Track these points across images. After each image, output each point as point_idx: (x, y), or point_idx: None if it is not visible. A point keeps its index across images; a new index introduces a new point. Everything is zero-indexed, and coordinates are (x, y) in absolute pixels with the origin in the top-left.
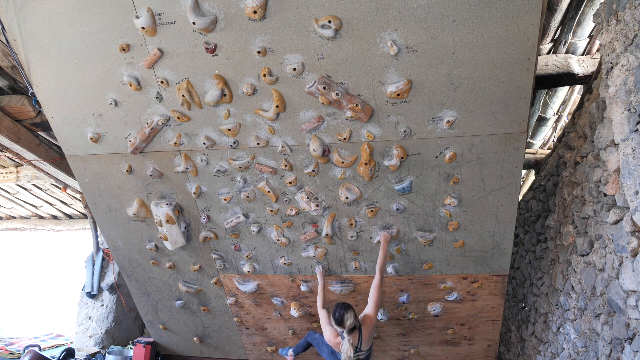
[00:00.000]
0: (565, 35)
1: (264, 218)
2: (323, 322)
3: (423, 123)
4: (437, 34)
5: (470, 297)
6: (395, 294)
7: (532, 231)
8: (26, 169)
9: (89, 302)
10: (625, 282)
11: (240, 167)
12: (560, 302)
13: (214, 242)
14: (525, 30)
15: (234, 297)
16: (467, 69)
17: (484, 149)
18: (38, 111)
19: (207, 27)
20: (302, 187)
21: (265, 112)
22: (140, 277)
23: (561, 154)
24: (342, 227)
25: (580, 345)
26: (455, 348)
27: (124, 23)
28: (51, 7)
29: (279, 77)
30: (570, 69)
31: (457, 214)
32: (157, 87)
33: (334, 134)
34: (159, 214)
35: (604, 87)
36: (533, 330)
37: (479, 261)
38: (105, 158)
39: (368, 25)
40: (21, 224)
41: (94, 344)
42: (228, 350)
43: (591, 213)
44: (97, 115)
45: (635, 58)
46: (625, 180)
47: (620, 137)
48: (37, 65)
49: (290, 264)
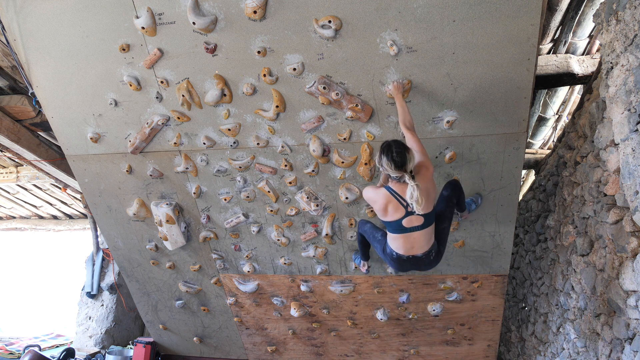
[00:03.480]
0: (565, 35)
1: (264, 218)
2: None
3: (423, 123)
4: (437, 34)
5: (470, 297)
6: (395, 294)
7: (532, 231)
8: (26, 169)
9: (89, 302)
10: (625, 282)
11: (240, 167)
12: (560, 302)
13: (214, 242)
14: (525, 30)
15: (234, 297)
16: (467, 69)
17: (484, 149)
18: (38, 111)
19: (207, 27)
20: (302, 187)
21: (265, 112)
22: (140, 277)
23: (561, 154)
24: (342, 227)
25: (580, 345)
26: (455, 348)
27: (124, 23)
28: (51, 7)
29: (279, 77)
30: (570, 69)
31: (457, 214)
32: (157, 87)
33: (334, 134)
34: (159, 214)
35: (604, 87)
36: (533, 330)
37: (479, 261)
38: (105, 158)
39: (368, 25)
40: (21, 224)
41: (94, 344)
42: (228, 350)
43: (591, 213)
44: (97, 115)
45: (635, 58)
46: (625, 180)
47: (620, 137)
48: (37, 65)
49: (290, 264)
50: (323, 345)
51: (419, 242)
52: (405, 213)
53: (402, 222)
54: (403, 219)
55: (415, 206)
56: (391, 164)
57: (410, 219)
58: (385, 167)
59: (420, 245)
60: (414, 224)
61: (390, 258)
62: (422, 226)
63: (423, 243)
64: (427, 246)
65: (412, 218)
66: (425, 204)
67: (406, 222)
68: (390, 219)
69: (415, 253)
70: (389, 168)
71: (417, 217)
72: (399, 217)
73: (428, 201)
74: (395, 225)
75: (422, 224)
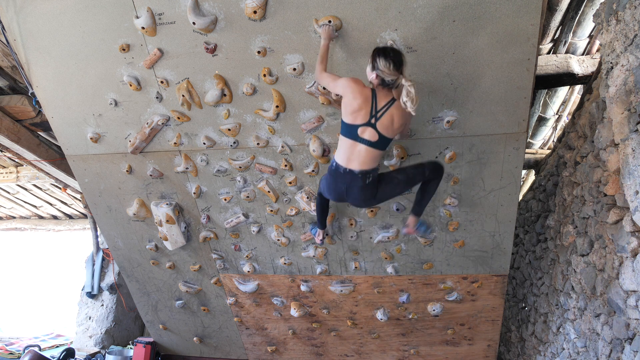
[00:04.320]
0: (565, 35)
1: (264, 218)
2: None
3: (423, 123)
4: (437, 34)
5: (470, 297)
6: (395, 294)
7: (532, 231)
8: (26, 169)
9: (89, 302)
10: (625, 282)
11: (240, 167)
12: (560, 302)
13: (214, 242)
14: (525, 30)
15: (234, 297)
16: (467, 69)
17: (484, 149)
18: (38, 111)
19: (207, 27)
20: (302, 187)
21: (265, 112)
22: (140, 277)
23: (561, 154)
24: (342, 227)
25: (580, 345)
26: (455, 348)
27: (124, 23)
28: (51, 7)
29: (279, 77)
30: (570, 69)
31: (457, 214)
32: (157, 87)
33: (334, 134)
34: (159, 214)
35: (604, 87)
36: (533, 330)
37: (479, 261)
38: (105, 158)
39: (368, 25)
40: (21, 224)
41: (94, 344)
42: (228, 350)
43: (591, 213)
44: (97, 115)
45: (635, 58)
46: (625, 180)
47: (620, 137)
48: (37, 65)
49: (290, 264)
50: (323, 345)
51: (361, 156)
52: (367, 122)
53: (357, 129)
54: (361, 126)
55: (409, 104)
56: (389, 64)
57: (367, 130)
58: (382, 69)
59: (360, 161)
60: (366, 137)
61: (329, 172)
62: (372, 144)
63: (363, 160)
64: (366, 166)
65: (369, 130)
66: (389, 128)
67: (361, 131)
68: (352, 122)
69: (353, 167)
70: (386, 69)
71: (373, 133)
72: (360, 122)
73: (396, 129)
74: (351, 129)
75: (374, 142)
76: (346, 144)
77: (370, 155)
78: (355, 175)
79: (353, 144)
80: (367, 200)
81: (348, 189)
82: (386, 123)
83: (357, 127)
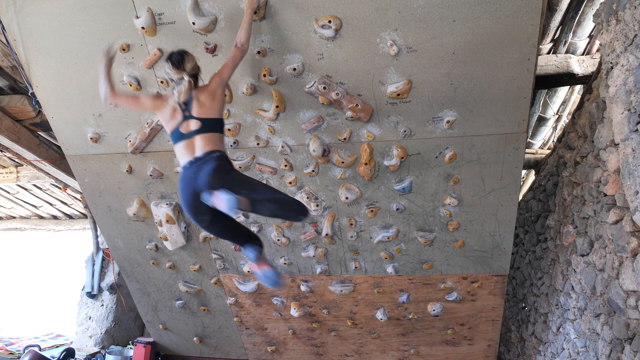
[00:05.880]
0: (565, 35)
1: (263, 218)
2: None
3: (423, 123)
4: (437, 34)
5: (470, 297)
6: (395, 294)
7: (532, 231)
8: (26, 169)
9: (89, 302)
10: (625, 282)
11: (240, 167)
12: (560, 302)
13: (214, 242)
14: (525, 30)
15: (234, 297)
16: (467, 69)
17: (484, 149)
18: (38, 111)
19: (207, 27)
20: (302, 187)
21: (265, 112)
22: (140, 277)
23: (561, 154)
24: (342, 227)
25: (580, 345)
26: (455, 348)
27: (124, 23)
28: (51, 7)
29: (279, 77)
30: (570, 69)
31: (457, 214)
32: (157, 87)
33: (334, 134)
34: (159, 214)
35: (604, 87)
36: (533, 330)
37: (479, 261)
38: (105, 158)
39: (368, 25)
40: (21, 224)
41: (94, 344)
42: (228, 350)
43: (591, 213)
44: (97, 115)
45: (635, 58)
46: (625, 180)
47: (620, 137)
48: (37, 65)
49: (290, 264)
50: (323, 345)
51: (199, 144)
52: (182, 118)
53: (180, 129)
54: (181, 124)
55: (177, 95)
56: (169, 64)
57: (187, 123)
58: (168, 72)
59: (201, 146)
60: (191, 129)
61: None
62: (200, 130)
63: (203, 145)
64: (208, 148)
65: (189, 122)
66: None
67: (183, 128)
68: (174, 127)
69: (197, 154)
70: (170, 70)
71: (194, 122)
72: (179, 121)
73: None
74: (176, 132)
75: (200, 128)
76: (182, 146)
77: (206, 140)
78: (200, 159)
79: (188, 142)
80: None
81: (197, 174)
82: (199, 109)
83: (179, 127)
